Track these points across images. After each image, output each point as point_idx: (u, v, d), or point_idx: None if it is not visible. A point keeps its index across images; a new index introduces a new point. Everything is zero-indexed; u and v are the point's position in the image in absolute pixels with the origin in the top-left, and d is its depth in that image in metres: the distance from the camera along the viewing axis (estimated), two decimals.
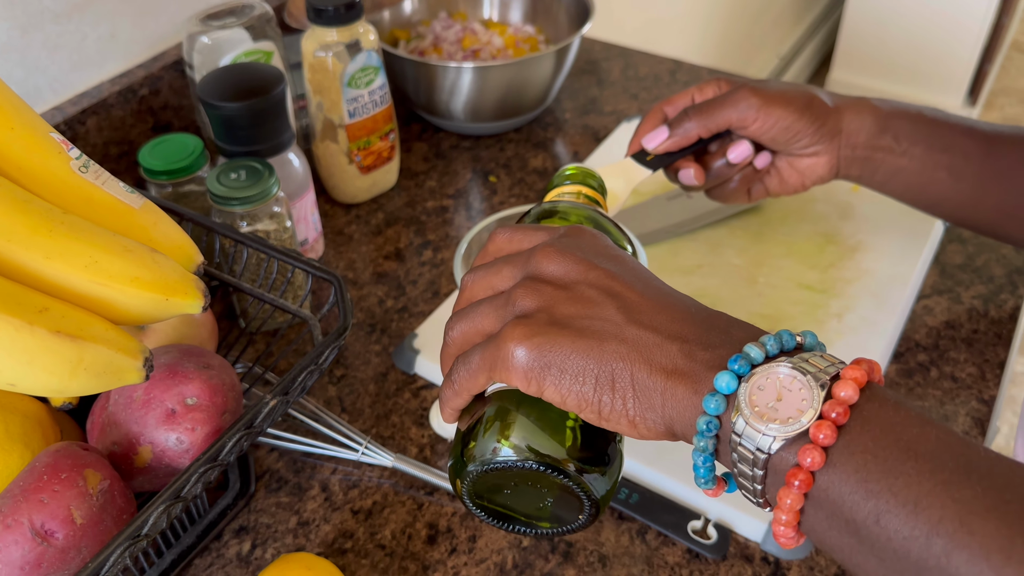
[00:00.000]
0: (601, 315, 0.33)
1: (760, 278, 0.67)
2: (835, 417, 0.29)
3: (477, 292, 0.37)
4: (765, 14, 2.23)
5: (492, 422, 0.35)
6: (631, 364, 0.32)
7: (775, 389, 0.30)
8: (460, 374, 0.35)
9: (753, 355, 0.30)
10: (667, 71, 0.95)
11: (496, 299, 0.35)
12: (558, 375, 0.33)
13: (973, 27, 2.17)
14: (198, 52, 0.69)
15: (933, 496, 0.27)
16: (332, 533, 0.52)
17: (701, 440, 0.31)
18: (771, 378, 0.30)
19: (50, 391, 0.35)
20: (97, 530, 0.40)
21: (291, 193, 0.66)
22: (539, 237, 0.38)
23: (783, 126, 0.55)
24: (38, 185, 0.37)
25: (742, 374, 0.30)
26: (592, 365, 0.32)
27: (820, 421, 0.29)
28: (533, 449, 0.34)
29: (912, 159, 0.56)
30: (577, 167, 0.48)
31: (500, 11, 0.93)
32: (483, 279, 0.37)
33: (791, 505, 0.29)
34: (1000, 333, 0.63)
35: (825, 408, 0.29)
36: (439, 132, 0.87)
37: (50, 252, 0.35)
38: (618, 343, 0.32)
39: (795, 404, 0.29)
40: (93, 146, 0.73)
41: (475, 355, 0.35)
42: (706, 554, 0.50)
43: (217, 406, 0.44)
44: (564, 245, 0.35)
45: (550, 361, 0.33)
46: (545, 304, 0.34)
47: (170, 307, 0.37)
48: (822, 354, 0.31)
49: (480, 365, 0.34)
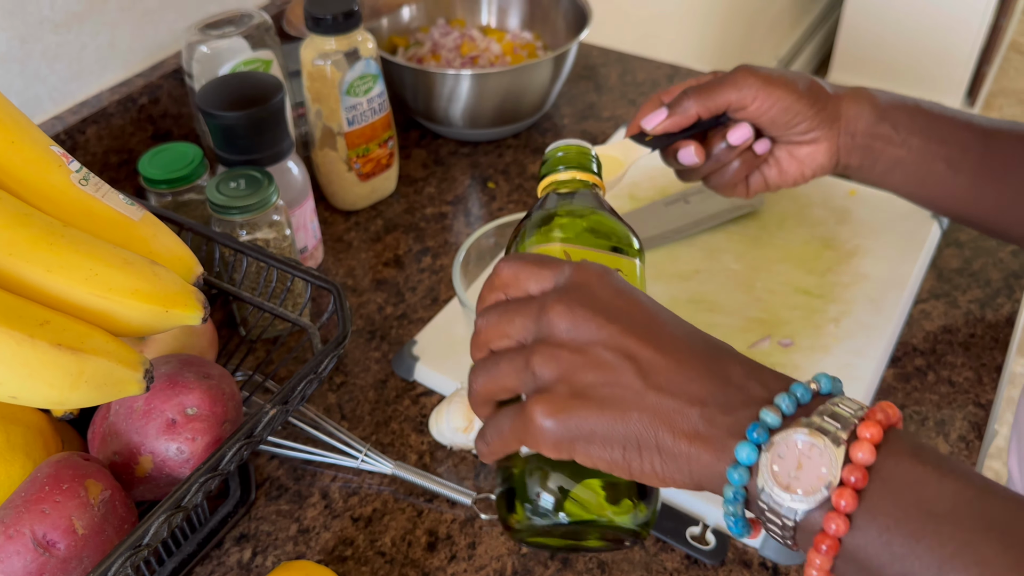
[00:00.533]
0: (620, 381, 0.34)
1: (757, 283, 0.67)
2: (854, 482, 0.30)
3: (492, 338, 0.38)
4: (763, 17, 2.23)
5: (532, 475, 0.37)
6: (655, 431, 0.33)
7: (795, 457, 0.31)
8: (493, 438, 0.37)
9: (770, 421, 0.31)
10: (665, 76, 0.95)
11: (515, 359, 0.36)
12: (586, 444, 0.34)
13: (971, 28, 2.18)
14: (197, 61, 0.70)
15: (956, 559, 0.28)
16: (332, 540, 0.53)
17: (730, 506, 0.33)
18: (790, 446, 0.31)
19: (51, 403, 0.35)
20: (98, 540, 0.40)
21: (290, 201, 0.66)
22: (545, 279, 0.37)
23: (783, 106, 0.54)
24: (39, 198, 0.38)
25: (761, 443, 0.31)
26: (618, 434, 0.34)
27: (841, 488, 0.30)
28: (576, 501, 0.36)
29: (910, 150, 0.56)
30: (569, 145, 0.45)
31: (498, 18, 0.93)
32: (496, 327, 0.37)
33: (821, 564, 0.31)
34: (997, 337, 0.63)
35: (844, 474, 0.30)
36: (438, 139, 0.87)
37: (51, 265, 0.35)
38: (640, 412, 0.33)
39: (815, 472, 0.30)
40: (93, 155, 0.73)
41: (505, 424, 0.36)
42: (704, 560, 0.50)
43: (217, 416, 0.44)
44: (574, 300, 0.35)
45: (577, 434, 0.34)
46: (564, 374, 0.34)
47: (170, 319, 0.38)
48: (838, 403, 0.32)
49: (511, 435, 0.36)
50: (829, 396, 0.33)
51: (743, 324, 0.63)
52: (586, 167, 0.45)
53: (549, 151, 0.46)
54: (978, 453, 0.56)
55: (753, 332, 0.63)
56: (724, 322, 0.64)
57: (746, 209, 0.73)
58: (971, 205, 0.57)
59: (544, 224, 0.43)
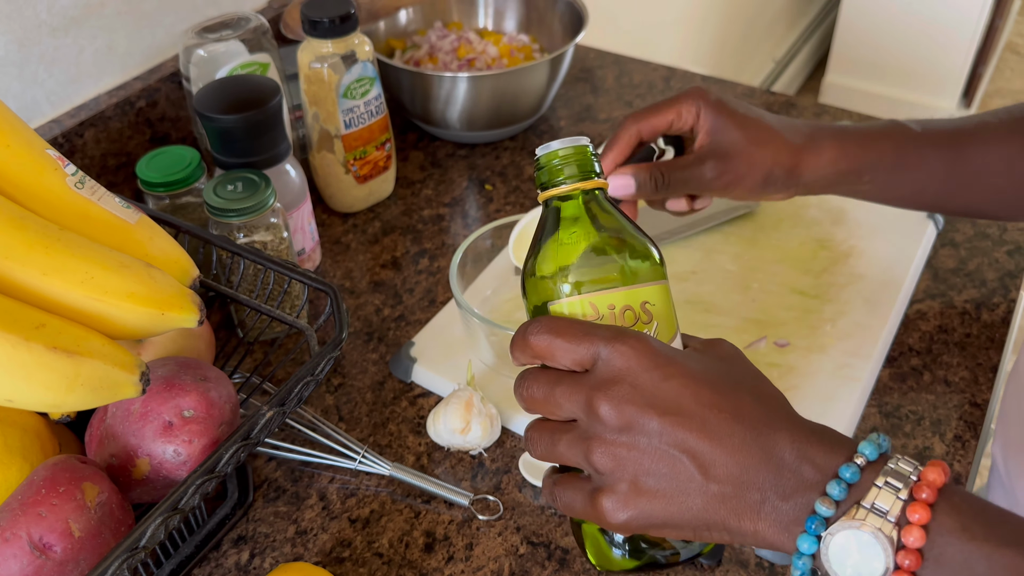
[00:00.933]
0: (680, 475, 0.36)
1: (754, 284, 0.67)
2: (908, 566, 0.32)
3: (537, 410, 0.39)
4: (760, 18, 2.23)
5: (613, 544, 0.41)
6: (721, 517, 0.36)
7: (851, 548, 0.33)
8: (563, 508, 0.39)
9: (824, 512, 0.34)
10: (661, 78, 0.95)
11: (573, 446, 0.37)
12: (659, 529, 0.37)
13: (967, 29, 2.18)
14: (194, 65, 0.70)
15: None
16: (330, 542, 0.53)
17: None
18: (846, 539, 0.33)
19: (47, 406, 0.35)
20: (95, 543, 0.40)
21: (288, 203, 0.66)
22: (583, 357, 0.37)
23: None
24: (35, 202, 0.38)
25: (819, 534, 0.34)
26: (687, 522, 0.36)
27: (897, 573, 0.32)
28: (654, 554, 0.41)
29: (874, 185, 0.58)
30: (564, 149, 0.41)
31: (495, 20, 0.94)
32: (543, 405, 0.38)
33: None
34: (992, 337, 0.64)
35: (899, 559, 0.32)
36: (435, 141, 0.87)
37: (47, 268, 0.35)
38: (704, 502, 0.35)
39: (871, 560, 0.33)
40: (91, 159, 0.73)
41: (577, 506, 0.38)
42: (702, 561, 0.50)
43: (214, 418, 0.44)
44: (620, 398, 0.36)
45: (647, 524, 0.36)
46: (625, 473, 0.36)
47: (166, 321, 0.38)
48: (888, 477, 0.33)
49: (583, 514, 0.38)
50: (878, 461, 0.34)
51: (739, 324, 0.64)
52: (587, 173, 0.41)
53: (544, 155, 0.42)
54: (974, 452, 0.57)
55: (749, 333, 0.63)
56: (721, 323, 0.64)
57: (742, 210, 0.73)
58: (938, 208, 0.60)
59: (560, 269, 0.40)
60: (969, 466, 0.56)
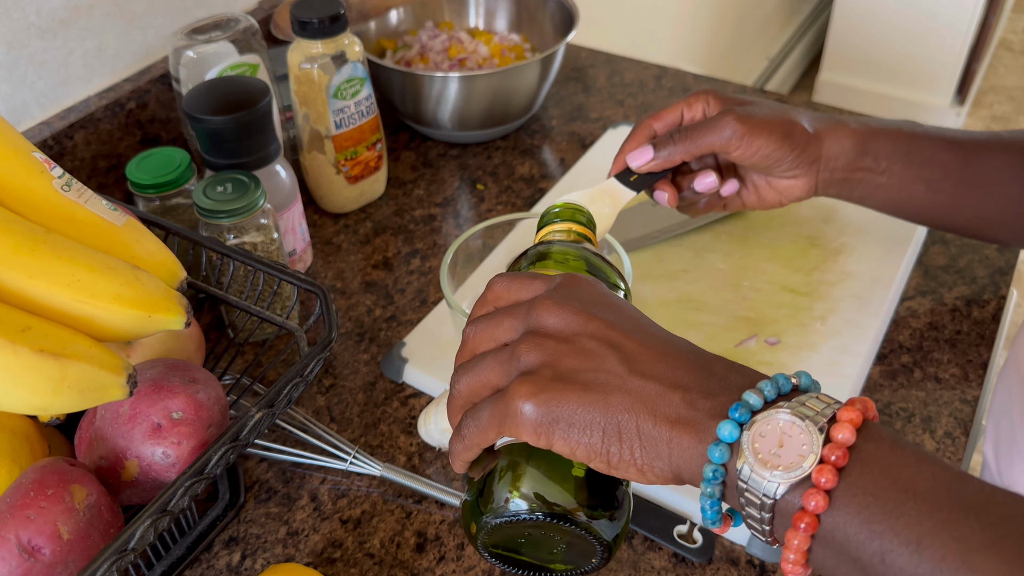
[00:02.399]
0: (604, 367, 0.34)
1: (744, 282, 0.67)
2: (835, 460, 0.30)
3: (480, 344, 0.38)
4: (753, 16, 2.24)
5: (503, 475, 0.36)
6: (636, 415, 0.33)
7: (776, 435, 0.31)
8: (470, 429, 0.36)
9: (752, 402, 0.32)
10: (652, 77, 0.95)
11: (500, 353, 0.36)
12: (567, 429, 0.34)
13: (961, 26, 2.18)
14: (184, 66, 0.70)
15: (934, 536, 0.28)
16: (321, 543, 0.53)
17: (708, 487, 0.33)
18: (772, 424, 0.31)
19: (34, 409, 0.35)
20: (84, 545, 0.40)
21: (278, 204, 0.66)
22: (536, 287, 0.38)
23: (764, 154, 0.56)
24: (21, 204, 0.38)
25: (743, 422, 0.32)
26: (599, 418, 0.34)
27: (821, 465, 0.30)
28: (545, 501, 0.35)
29: (891, 176, 0.57)
30: (565, 204, 0.50)
31: (486, 20, 0.94)
32: (484, 331, 0.38)
33: (798, 546, 0.31)
34: (983, 334, 0.64)
35: (825, 452, 0.30)
36: (427, 141, 0.87)
37: (33, 271, 0.35)
38: (622, 395, 0.34)
39: (796, 449, 0.31)
40: (81, 160, 0.73)
41: (484, 411, 0.36)
42: (692, 558, 0.51)
43: (203, 420, 0.44)
44: (562, 296, 0.36)
45: (558, 416, 0.34)
46: (549, 359, 0.35)
47: (153, 323, 0.38)
48: (818, 395, 0.33)
49: (490, 421, 0.35)
50: (808, 391, 0.34)
51: (730, 323, 0.64)
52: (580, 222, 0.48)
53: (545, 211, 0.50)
54: (964, 450, 0.57)
55: (740, 331, 0.63)
56: (711, 321, 0.64)
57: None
58: (951, 218, 0.59)
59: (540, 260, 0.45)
60: (959, 463, 0.56)
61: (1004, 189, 0.56)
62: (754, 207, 0.62)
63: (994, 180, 0.56)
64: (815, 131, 0.57)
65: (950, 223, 0.59)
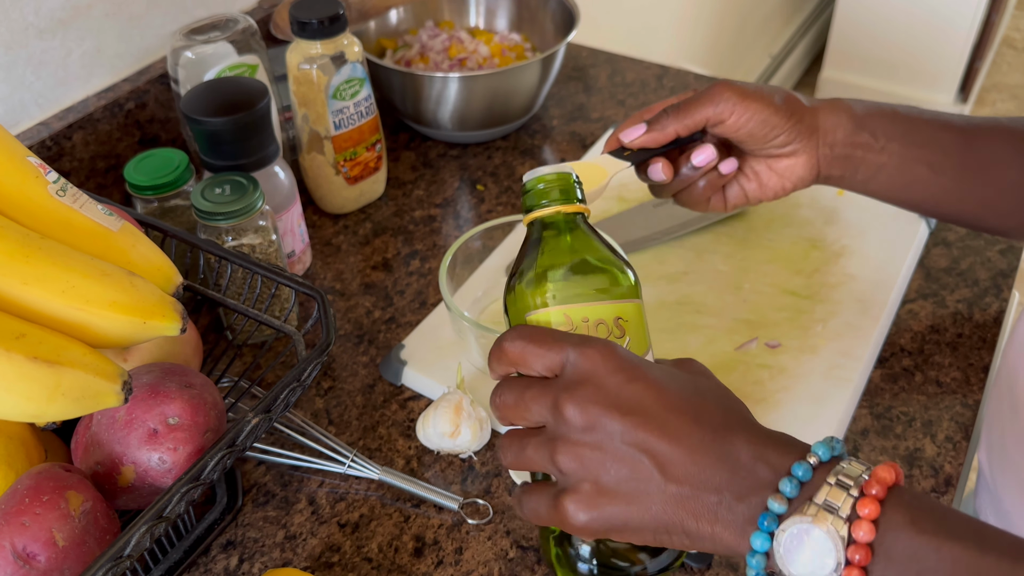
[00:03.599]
0: (640, 476, 0.37)
1: (745, 284, 0.67)
2: (859, 560, 0.33)
3: (512, 419, 0.40)
4: (755, 14, 2.23)
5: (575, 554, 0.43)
6: (680, 519, 0.37)
7: (803, 543, 0.34)
8: (530, 516, 0.40)
9: (776, 509, 0.35)
10: (654, 76, 0.95)
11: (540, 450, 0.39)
12: (619, 533, 0.38)
13: (964, 24, 2.18)
14: (182, 67, 0.70)
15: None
16: (319, 547, 0.53)
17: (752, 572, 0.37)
18: (798, 534, 0.34)
19: (28, 416, 0.35)
20: (80, 552, 0.40)
21: (277, 206, 0.66)
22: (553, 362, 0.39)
23: (759, 119, 0.54)
24: (15, 210, 0.38)
25: (773, 530, 0.35)
26: (647, 523, 0.37)
27: (848, 568, 0.33)
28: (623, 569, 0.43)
29: (891, 155, 0.56)
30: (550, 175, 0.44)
31: (486, 19, 0.93)
32: (514, 411, 0.40)
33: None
34: (984, 337, 0.63)
35: (849, 553, 0.33)
36: (427, 141, 0.87)
37: (27, 278, 0.35)
38: (663, 504, 0.37)
39: (823, 554, 0.33)
40: (80, 161, 0.73)
41: (542, 510, 0.39)
42: (691, 563, 0.50)
43: (199, 425, 0.44)
44: (585, 398, 0.37)
45: (608, 526, 0.38)
46: (588, 472, 0.37)
47: (148, 330, 0.38)
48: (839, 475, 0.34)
49: (549, 520, 0.39)
50: (831, 462, 0.36)
51: (731, 325, 0.63)
52: (570, 197, 0.44)
53: (529, 181, 0.44)
54: (965, 453, 0.56)
55: (740, 334, 0.63)
56: (712, 323, 0.64)
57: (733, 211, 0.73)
58: (956, 204, 0.57)
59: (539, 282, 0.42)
60: (960, 467, 0.56)
61: (1006, 174, 0.56)
62: (756, 197, 0.59)
63: (995, 165, 0.56)
64: (810, 104, 0.56)
65: (955, 211, 0.58)
